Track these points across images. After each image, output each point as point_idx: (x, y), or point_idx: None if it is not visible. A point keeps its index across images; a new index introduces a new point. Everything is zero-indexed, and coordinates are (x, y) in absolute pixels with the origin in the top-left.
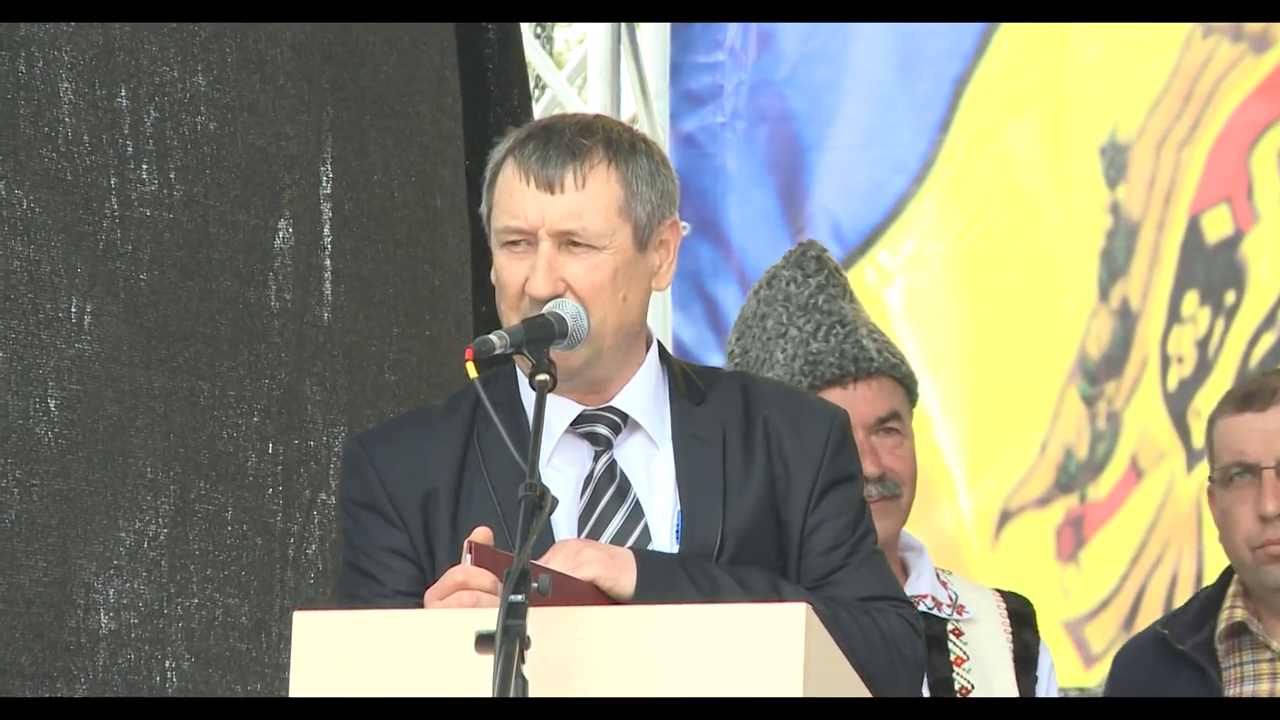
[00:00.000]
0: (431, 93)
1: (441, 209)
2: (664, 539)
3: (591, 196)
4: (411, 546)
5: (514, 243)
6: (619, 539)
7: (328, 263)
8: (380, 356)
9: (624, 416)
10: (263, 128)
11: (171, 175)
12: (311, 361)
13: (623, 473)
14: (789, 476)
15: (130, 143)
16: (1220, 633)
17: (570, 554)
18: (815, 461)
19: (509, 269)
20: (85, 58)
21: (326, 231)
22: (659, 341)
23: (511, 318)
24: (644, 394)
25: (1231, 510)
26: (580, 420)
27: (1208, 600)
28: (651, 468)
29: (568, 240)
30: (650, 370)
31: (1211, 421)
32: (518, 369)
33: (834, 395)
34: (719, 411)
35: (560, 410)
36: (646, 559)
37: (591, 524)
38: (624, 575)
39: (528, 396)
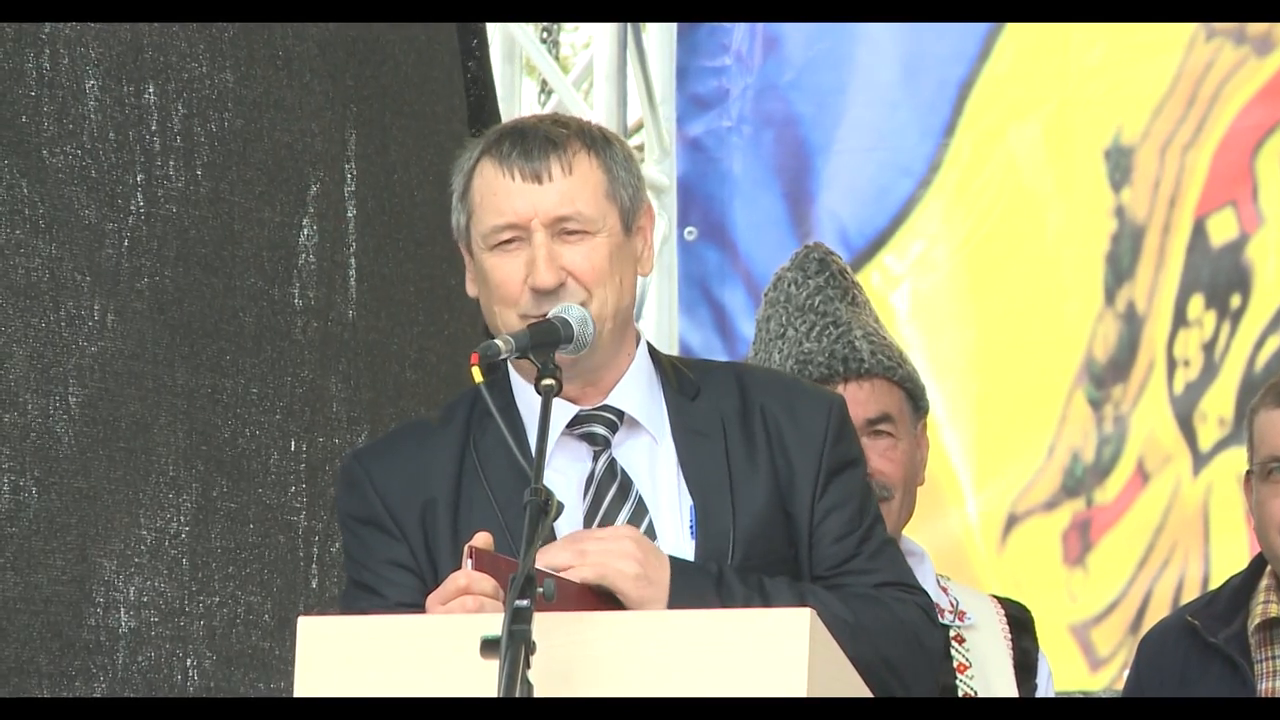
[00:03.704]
0: (444, 93)
1: None
2: (671, 535)
3: (580, 181)
4: (413, 558)
5: (505, 242)
6: None
7: (352, 260)
8: (401, 355)
9: (620, 414)
10: (289, 124)
11: (198, 172)
12: (336, 359)
13: (623, 471)
14: (791, 467)
15: (157, 139)
16: (1253, 626)
17: (610, 552)
18: (817, 450)
19: (503, 268)
20: (113, 54)
21: (351, 229)
22: (646, 339)
23: (509, 316)
24: (638, 391)
25: (1268, 503)
26: (577, 421)
27: (1238, 591)
28: (653, 464)
29: (561, 229)
30: (642, 366)
31: (1252, 412)
32: (511, 373)
33: None
34: (716, 404)
35: (557, 411)
36: (680, 581)
37: (596, 524)
38: (653, 597)
39: (524, 400)
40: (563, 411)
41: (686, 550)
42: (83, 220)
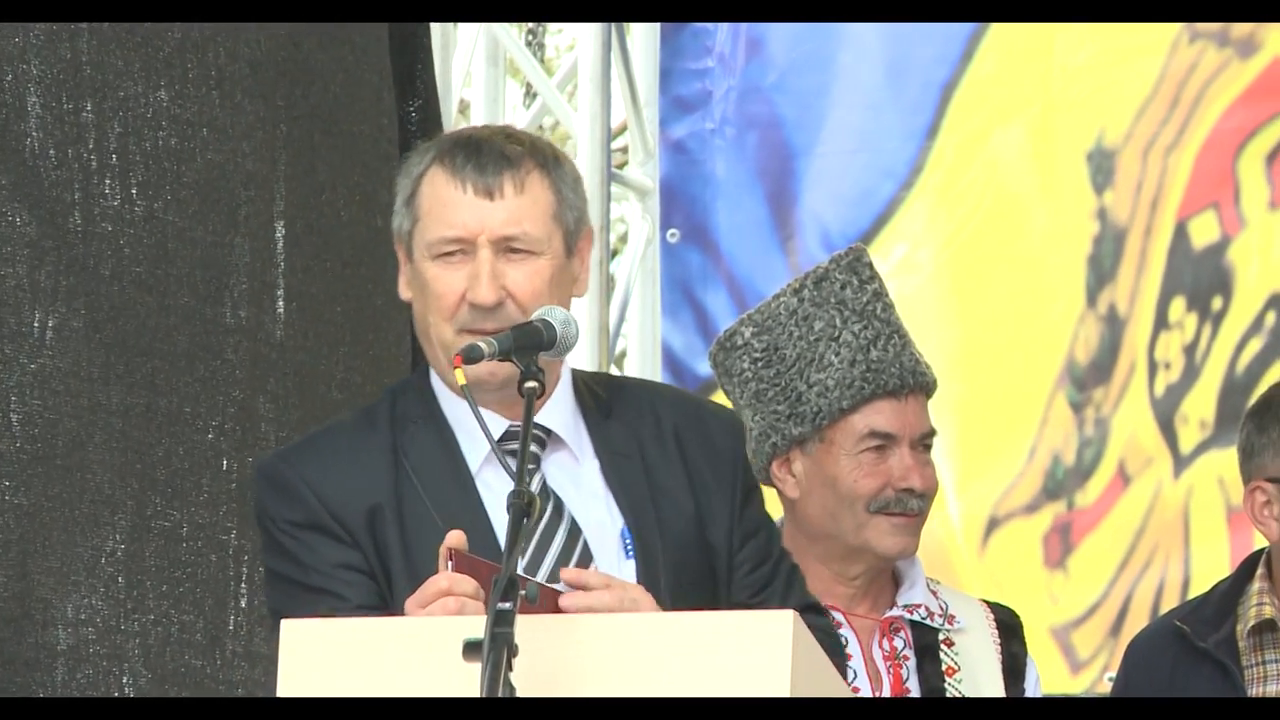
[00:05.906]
0: (371, 113)
1: (383, 229)
2: (606, 556)
3: (530, 202)
4: (366, 562)
5: (449, 253)
6: (563, 557)
7: (280, 280)
8: (328, 375)
9: (548, 432)
10: (221, 144)
11: (133, 190)
12: (265, 378)
13: (554, 491)
14: (709, 491)
15: (95, 157)
16: (1246, 629)
17: None
18: (731, 476)
19: (443, 279)
20: (53, 71)
21: (279, 249)
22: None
23: (443, 329)
24: (565, 410)
25: None
26: (506, 437)
27: (1227, 595)
28: (579, 483)
29: (506, 247)
30: (566, 386)
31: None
32: (433, 382)
33: (887, 405)
34: (629, 424)
35: (489, 425)
36: None
37: (533, 545)
38: None
39: (449, 408)
40: (494, 426)
41: (627, 571)
42: (25, 237)
